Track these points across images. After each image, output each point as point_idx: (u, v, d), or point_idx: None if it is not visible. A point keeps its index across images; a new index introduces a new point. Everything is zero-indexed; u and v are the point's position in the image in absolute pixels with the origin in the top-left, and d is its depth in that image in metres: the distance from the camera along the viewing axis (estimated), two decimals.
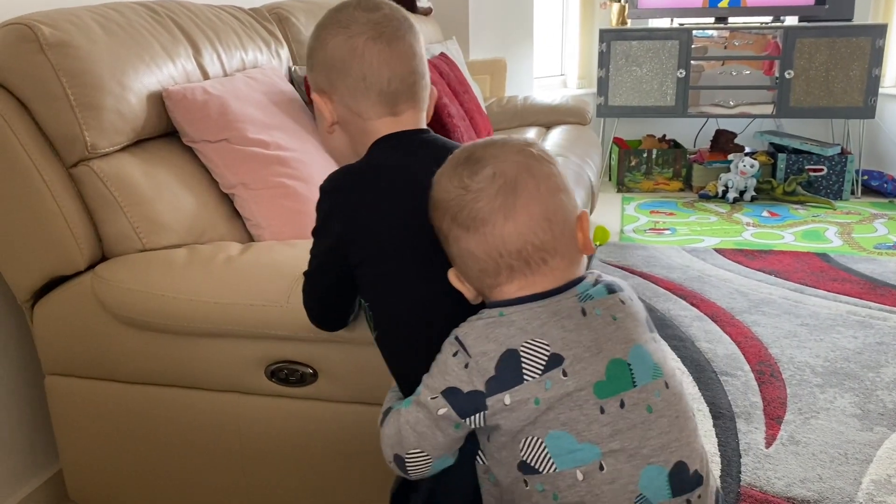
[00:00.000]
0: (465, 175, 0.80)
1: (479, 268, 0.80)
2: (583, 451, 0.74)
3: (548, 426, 0.75)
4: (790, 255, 2.90)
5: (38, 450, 1.52)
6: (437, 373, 0.80)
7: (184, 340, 1.19)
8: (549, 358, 0.76)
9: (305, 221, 1.43)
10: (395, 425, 0.82)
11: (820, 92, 3.69)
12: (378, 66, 0.94)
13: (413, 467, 0.81)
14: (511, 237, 0.78)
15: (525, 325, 0.77)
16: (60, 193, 1.22)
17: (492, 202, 0.78)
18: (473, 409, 0.77)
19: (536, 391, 0.75)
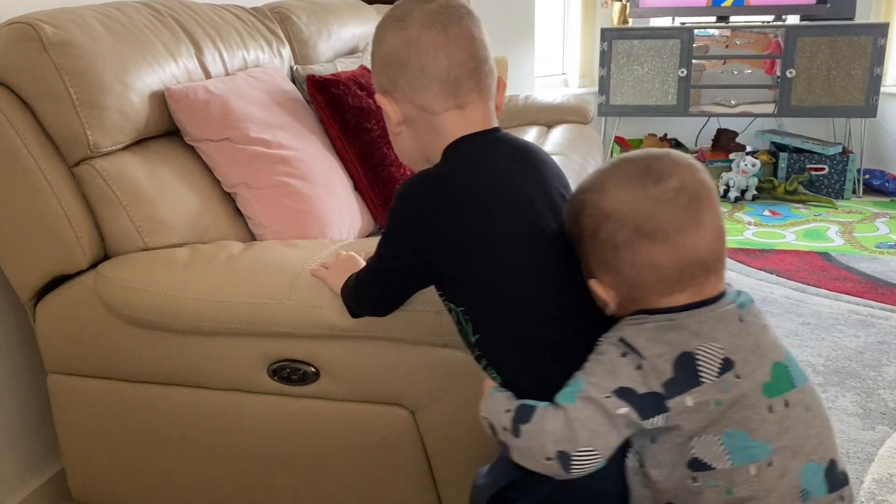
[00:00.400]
0: (649, 185, 0.81)
1: (659, 277, 0.81)
2: (756, 448, 0.77)
3: (724, 425, 0.78)
4: (792, 254, 2.90)
5: (40, 449, 1.52)
6: (603, 372, 0.80)
7: (186, 339, 1.20)
8: (723, 361, 0.78)
9: (307, 220, 1.44)
10: (561, 420, 0.80)
11: (821, 91, 3.68)
12: (434, 53, 0.91)
13: (579, 465, 0.79)
14: (700, 247, 0.80)
15: (698, 329, 0.80)
16: (63, 192, 1.22)
17: (683, 213, 0.80)
18: (653, 411, 0.78)
19: (716, 393, 0.78)
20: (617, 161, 0.86)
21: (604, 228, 0.82)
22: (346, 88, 1.71)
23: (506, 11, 3.74)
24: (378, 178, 1.70)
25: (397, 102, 0.95)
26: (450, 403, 1.11)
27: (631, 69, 3.83)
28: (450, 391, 1.11)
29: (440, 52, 0.91)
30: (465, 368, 1.10)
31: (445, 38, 0.91)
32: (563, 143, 2.65)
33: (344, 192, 1.61)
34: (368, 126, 1.70)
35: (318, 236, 1.43)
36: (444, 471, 1.17)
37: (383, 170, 1.71)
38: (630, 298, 0.84)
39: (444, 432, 1.13)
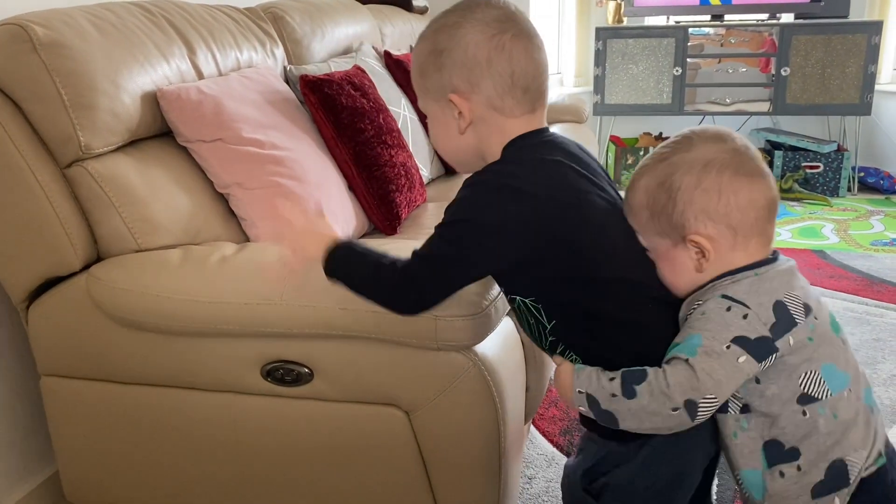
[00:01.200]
0: (728, 140, 0.94)
1: (756, 215, 0.93)
2: (843, 376, 0.91)
3: (820, 360, 0.90)
4: (788, 252, 2.89)
5: (34, 451, 1.52)
6: (715, 326, 0.89)
7: (179, 341, 1.19)
8: (804, 305, 0.90)
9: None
10: (685, 373, 0.87)
11: (816, 89, 3.69)
12: (525, 63, 0.96)
13: (704, 412, 0.87)
14: (775, 191, 0.95)
15: (778, 284, 0.91)
16: (55, 194, 1.22)
17: (762, 162, 0.94)
18: (767, 352, 0.88)
19: (807, 331, 0.90)
20: (684, 132, 0.98)
21: (707, 177, 0.92)
22: (339, 88, 1.71)
23: None
24: (372, 177, 1.70)
25: (472, 104, 0.98)
26: (445, 404, 1.11)
27: (626, 68, 3.83)
28: (444, 391, 1.11)
29: (530, 62, 0.97)
30: (459, 369, 1.10)
31: (533, 50, 0.97)
32: None
33: (338, 192, 1.61)
34: (362, 126, 1.70)
35: None
36: (440, 471, 1.16)
37: (377, 170, 1.70)
38: (724, 249, 0.93)
39: (439, 433, 1.13)
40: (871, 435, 0.92)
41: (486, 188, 0.93)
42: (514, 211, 0.90)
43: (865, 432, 0.91)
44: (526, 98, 0.97)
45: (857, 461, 0.90)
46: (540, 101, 1.00)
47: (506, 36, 0.95)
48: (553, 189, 0.93)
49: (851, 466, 0.89)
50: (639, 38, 3.79)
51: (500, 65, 0.95)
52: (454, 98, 0.98)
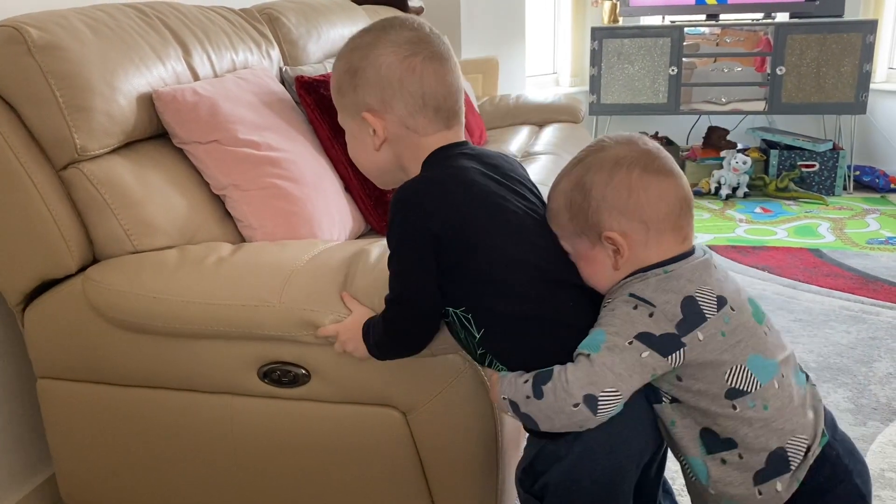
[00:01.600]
0: (639, 142, 0.97)
1: (668, 210, 0.94)
2: (771, 366, 0.92)
3: (745, 353, 0.91)
4: (783, 250, 2.91)
5: (31, 454, 1.52)
6: (620, 323, 0.91)
7: (175, 342, 1.19)
8: (717, 299, 0.91)
9: (297, 222, 1.43)
10: (584, 369, 0.89)
11: (811, 88, 3.70)
12: (435, 85, 0.99)
13: (605, 406, 0.89)
14: (688, 189, 0.97)
15: (691, 277, 0.93)
16: (50, 196, 1.21)
17: (672, 162, 0.97)
18: (672, 348, 0.89)
19: (720, 326, 0.90)
20: (598, 138, 1.01)
21: (618, 174, 0.94)
22: None
23: (496, 11, 3.74)
24: (368, 178, 1.70)
25: (385, 122, 1.01)
26: (441, 404, 1.11)
27: (622, 68, 3.84)
28: (441, 392, 1.11)
29: (440, 84, 0.99)
30: (456, 370, 1.10)
31: (444, 72, 1.00)
32: (555, 142, 2.65)
33: (334, 193, 1.61)
34: None
35: (308, 238, 1.43)
36: (437, 472, 1.16)
37: None
38: (638, 245, 0.95)
39: (436, 433, 1.13)
40: (809, 415, 0.93)
41: (397, 207, 0.95)
42: (421, 223, 0.93)
43: (804, 414, 0.93)
44: (438, 118, 1.00)
45: (798, 445, 0.91)
46: (454, 119, 1.02)
47: (417, 58, 0.98)
48: (462, 196, 0.95)
49: (792, 452, 0.91)
50: (634, 38, 3.80)
51: (412, 86, 0.98)
52: (367, 116, 1.01)
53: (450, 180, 0.96)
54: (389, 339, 1.02)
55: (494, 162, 1.03)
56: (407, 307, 0.98)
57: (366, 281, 1.10)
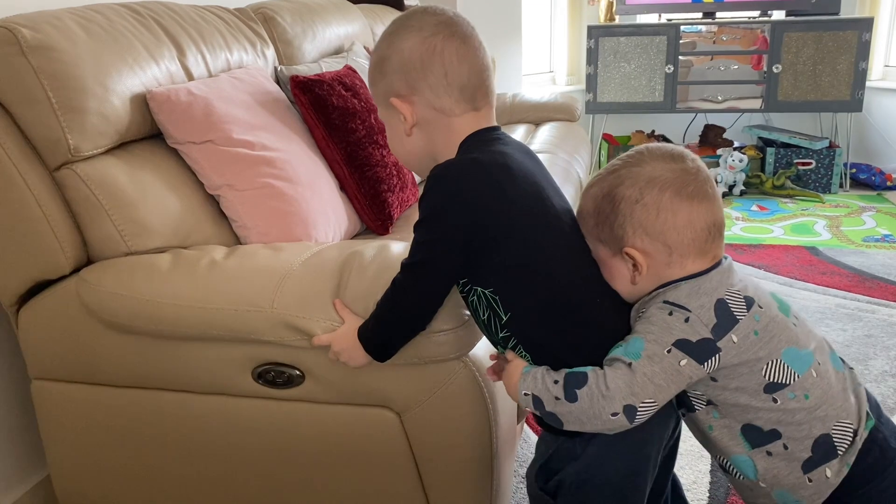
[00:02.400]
0: (679, 162, 0.96)
1: (693, 237, 0.94)
2: (806, 355, 0.93)
3: (780, 347, 0.92)
4: (779, 248, 2.91)
5: (26, 454, 1.51)
6: (658, 331, 0.91)
7: (169, 344, 1.19)
8: (745, 300, 0.93)
9: (292, 222, 1.43)
10: (625, 378, 0.89)
11: (807, 86, 3.70)
12: (458, 63, 1.00)
13: (642, 415, 0.90)
14: (720, 215, 0.97)
15: (717, 283, 0.94)
16: (44, 198, 1.21)
17: (710, 185, 0.96)
18: (708, 353, 0.90)
19: (751, 325, 0.91)
20: (639, 147, 1.00)
21: (648, 193, 0.94)
22: (330, 89, 1.71)
23: (493, 10, 3.73)
24: (364, 178, 1.70)
25: (414, 106, 1.02)
26: (436, 405, 1.11)
27: (618, 66, 3.83)
28: (436, 393, 1.11)
29: (463, 62, 1.00)
30: (450, 371, 1.10)
31: (465, 50, 1.01)
32: (551, 140, 2.65)
33: (329, 192, 1.60)
34: (353, 126, 1.70)
35: (303, 238, 1.43)
36: (432, 472, 1.16)
37: (369, 170, 1.70)
38: (659, 265, 0.95)
39: (431, 434, 1.13)
40: (851, 399, 0.94)
41: (437, 180, 0.95)
42: (457, 201, 0.93)
43: (846, 398, 0.94)
44: (464, 97, 1.01)
45: (845, 430, 0.92)
46: (482, 100, 1.03)
47: (437, 38, 0.99)
48: (504, 180, 0.95)
49: (839, 438, 0.92)
50: (631, 36, 3.80)
51: (434, 66, 0.99)
52: (395, 102, 1.02)
53: (493, 164, 0.96)
54: (392, 313, 1.01)
55: (528, 152, 1.05)
56: (422, 273, 0.97)
57: (359, 286, 1.09)
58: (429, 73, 0.99)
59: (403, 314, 1.02)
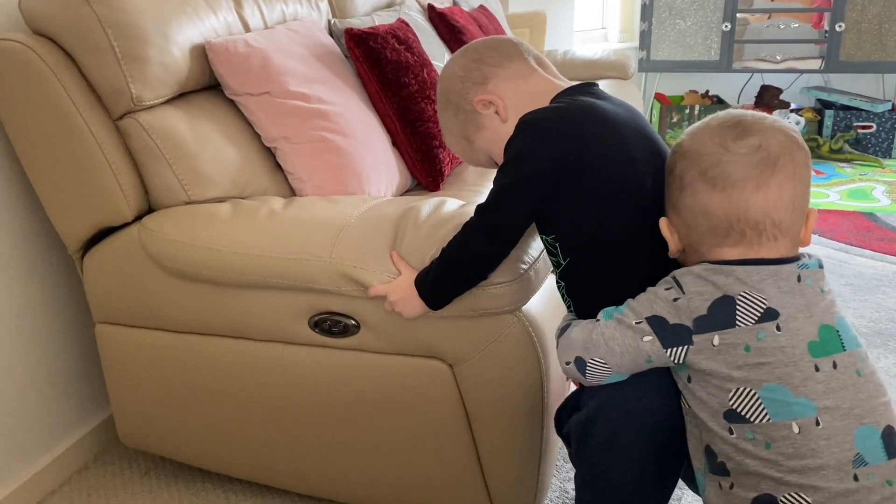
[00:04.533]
0: (731, 137, 0.84)
1: (710, 225, 0.85)
2: (798, 405, 0.78)
3: (762, 379, 0.79)
4: (835, 214, 2.84)
5: (90, 395, 1.58)
6: (644, 300, 0.87)
7: (228, 292, 1.21)
8: (765, 311, 0.80)
9: (346, 176, 1.44)
10: (585, 332, 0.90)
11: (872, 46, 3.56)
12: (496, 42, 1.12)
13: (592, 373, 0.90)
14: (756, 207, 0.83)
15: (745, 278, 0.82)
16: (108, 146, 1.24)
17: (748, 170, 0.83)
18: (678, 341, 0.83)
19: (748, 338, 0.80)
20: (721, 112, 0.90)
21: (679, 166, 0.88)
22: (384, 42, 1.70)
23: None
24: (416, 133, 1.69)
25: (494, 90, 1.08)
26: (488, 358, 1.12)
27: (673, 23, 3.73)
28: (488, 346, 1.11)
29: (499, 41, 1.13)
30: (503, 324, 1.10)
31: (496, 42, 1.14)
32: None
33: (382, 147, 1.61)
34: (406, 80, 1.69)
35: (356, 192, 1.44)
36: (482, 424, 1.18)
37: (421, 125, 1.70)
38: (688, 244, 0.89)
39: (483, 386, 1.14)
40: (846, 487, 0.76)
41: (522, 127, 0.98)
42: (540, 151, 0.95)
43: (839, 480, 0.76)
44: (523, 61, 1.10)
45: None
46: (539, 61, 1.11)
47: (469, 54, 1.12)
48: (587, 126, 0.96)
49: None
50: None
51: (482, 57, 1.10)
52: (479, 103, 1.09)
53: (578, 112, 0.98)
54: (460, 252, 1.02)
55: (622, 104, 1.04)
56: (495, 215, 0.99)
57: (415, 240, 1.10)
58: (484, 64, 1.09)
59: (471, 257, 1.02)
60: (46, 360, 1.47)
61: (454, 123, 1.14)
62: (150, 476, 1.50)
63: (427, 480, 1.24)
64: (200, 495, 1.44)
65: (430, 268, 1.05)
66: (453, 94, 1.12)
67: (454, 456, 1.20)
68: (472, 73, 1.09)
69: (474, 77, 1.09)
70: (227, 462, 1.39)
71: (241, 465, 1.38)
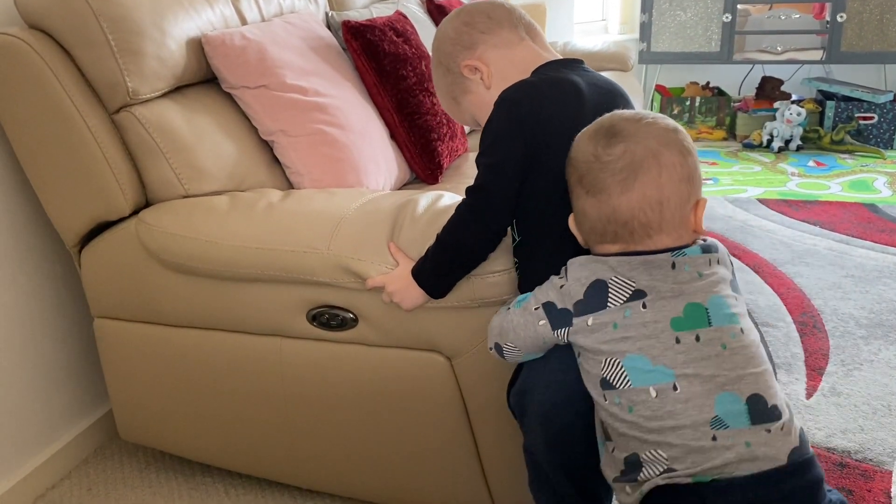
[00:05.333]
0: (601, 145, 0.91)
1: (590, 226, 0.94)
2: (656, 373, 0.86)
3: (625, 350, 0.87)
4: (836, 205, 2.83)
5: (89, 389, 1.58)
6: (544, 287, 0.96)
7: (226, 285, 1.21)
8: (633, 292, 0.89)
9: (344, 169, 1.43)
10: (499, 321, 1.00)
11: (873, 36, 3.54)
12: (490, 8, 1.14)
13: (508, 355, 1.01)
14: (622, 210, 0.90)
15: (616, 266, 0.90)
16: (104, 140, 1.23)
17: (614, 176, 0.90)
18: (562, 324, 0.93)
19: (616, 317, 0.89)
20: (605, 116, 0.96)
21: (566, 170, 0.97)
22: (381, 34, 1.69)
23: None
24: (414, 126, 1.69)
25: (480, 56, 1.11)
26: (486, 351, 1.12)
27: (673, 14, 3.71)
28: (486, 338, 1.11)
29: (493, 8, 1.14)
30: None
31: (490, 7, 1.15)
32: None
33: (380, 140, 1.60)
34: (404, 73, 1.68)
35: (354, 185, 1.43)
36: (481, 417, 1.18)
37: (419, 118, 1.69)
38: (585, 240, 0.97)
39: (481, 379, 1.14)
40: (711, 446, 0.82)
41: (499, 103, 1.02)
42: (518, 122, 0.99)
43: (697, 439, 0.82)
44: (515, 27, 1.12)
45: (656, 461, 0.84)
46: (532, 30, 1.14)
47: (462, 16, 1.14)
48: (556, 101, 1.00)
49: (647, 465, 0.85)
50: None
51: (474, 21, 1.12)
52: (465, 68, 1.11)
53: (546, 87, 1.02)
54: (454, 236, 1.03)
55: (601, 84, 1.07)
56: (485, 196, 1.01)
57: (413, 232, 1.10)
58: (474, 29, 1.11)
59: (465, 240, 1.03)
60: (45, 356, 1.47)
61: (444, 83, 1.17)
62: (150, 470, 1.50)
63: (426, 473, 1.24)
64: (200, 489, 1.44)
65: (427, 256, 1.06)
66: (444, 56, 1.15)
67: (453, 449, 1.20)
68: (462, 37, 1.12)
69: (464, 41, 1.12)
70: (227, 456, 1.39)
71: (240, 458, 1.38)
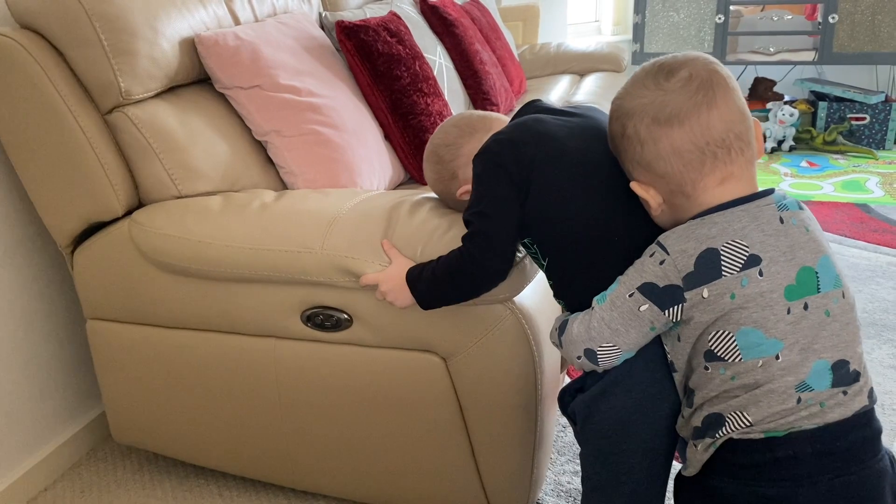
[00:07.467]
0: (662, 79, 0.87)
1: (683, 162, 0.86)
2: (767, 345, 0.83)
3: (741, 322, 0.83)
4: (829, 205, 2.84)
5: (82, 391, 1.57)
6: (632, 272, 0.89)
7: (220, 286, 1.21)
8: (748, 258, 0.84)
9: (338, 169, 1.43)
10: (583, 326, 0.92)
11: (865, 37, 3.56)
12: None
13: (605, 359, 0.92)
14: (716, 125, 0.85)
15: (727, 227, 0.85)
16: (97, 140, 1.23)
17: (693, 97, 0.86)
18: (672, 301, 0.86)
19: (733, 286, 0.83)
20: (638, 68, 0.93)
21: (629, 126, 0.89)
22: (375, 35, 1.69)
23: None
24: (408, 126, 1.69)
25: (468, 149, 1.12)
26: (482, 351, 1.12)
27: (666, 15, 3.73)
28: (482, 339, 1.11)
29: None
30: (497, 316, 1.10)
31: None
32: (596, 91, 2.60)
33: (374, 141, 1.60)
34: (398, 73, 1.68)
35: (348, 185, 1.43)
36: (476, 417, 1.17)
37: (413, 118, 1.69)
38: (668, 194, 0.89)
39: (476, 379, 1.14)
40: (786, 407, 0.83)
41: (476, 158, 1.02)
42: (498, 164, 0.98)
43: (780, 405, 0.83)
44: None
45: (739, 420, 0.84)
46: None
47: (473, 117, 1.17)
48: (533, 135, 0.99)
49: (728, 423, 0.85)
50: None
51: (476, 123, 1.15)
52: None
53: (517, 126, 1.02)
54: (450, 277, 1.02)
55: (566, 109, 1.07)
56: (480, 242, 0.99)
57: (407, 230, 1.10)
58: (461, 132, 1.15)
59: (465, 287, 1.02)
60: (38, 357, 1.46)
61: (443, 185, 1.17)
62: (143, 472, 1.50)
63: (421, 474, 1.24)
64: (194, 491, 1.44)
65: (424, 276, 1.04)
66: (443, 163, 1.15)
67: (448, 449, 1.20)
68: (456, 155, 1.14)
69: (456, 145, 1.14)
70: (220, 458, 1.38)
71: (234, 460, 1.37)
